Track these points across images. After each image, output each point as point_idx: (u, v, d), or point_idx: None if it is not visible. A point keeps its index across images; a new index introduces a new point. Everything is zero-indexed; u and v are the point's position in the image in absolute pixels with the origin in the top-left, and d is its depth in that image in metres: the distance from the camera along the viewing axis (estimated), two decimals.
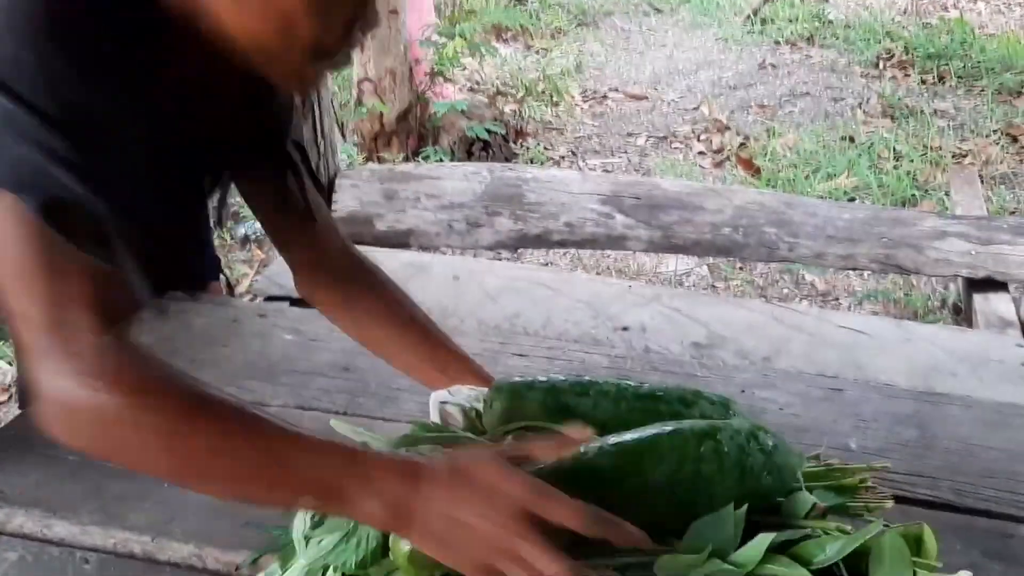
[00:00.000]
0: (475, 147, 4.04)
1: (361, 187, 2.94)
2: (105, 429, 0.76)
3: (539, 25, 5.65)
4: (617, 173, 4.07)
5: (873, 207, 3.46)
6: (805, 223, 2.88)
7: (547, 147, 4.33)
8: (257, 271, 3.18)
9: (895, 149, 4.16)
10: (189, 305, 1.49)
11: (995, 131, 4.35)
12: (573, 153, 4.37)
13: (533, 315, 1.64)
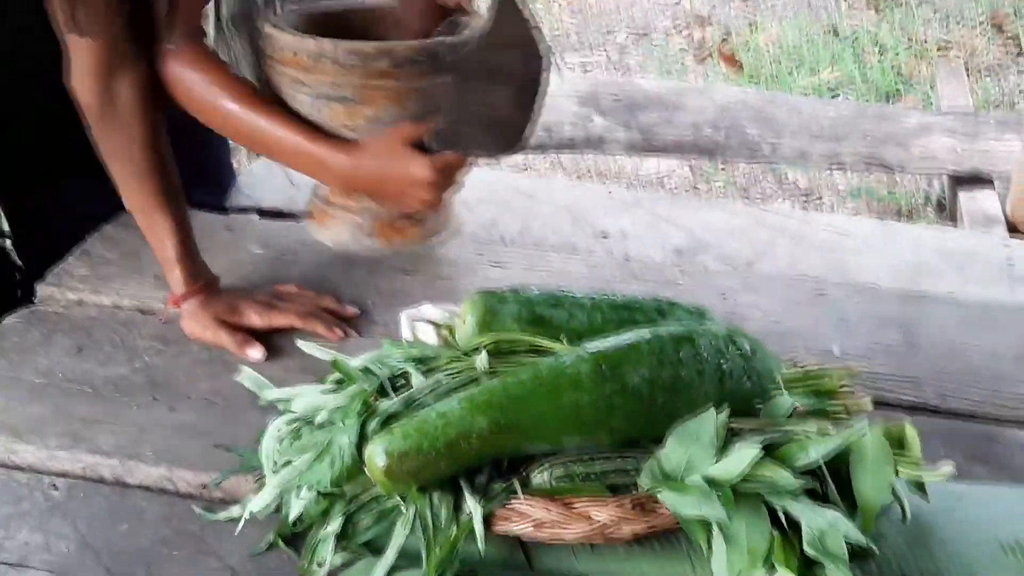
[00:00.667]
0: None
1: None
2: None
3: None
4: (596, 72, 3.97)
5: (858, 104, 3.39)
6: (789, 121, 2.82)
7: None
8: None
9: (879, 41, 4.07)
10: None
11: (980, 22, 4.25)
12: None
13: (511, 223, 1.60)
